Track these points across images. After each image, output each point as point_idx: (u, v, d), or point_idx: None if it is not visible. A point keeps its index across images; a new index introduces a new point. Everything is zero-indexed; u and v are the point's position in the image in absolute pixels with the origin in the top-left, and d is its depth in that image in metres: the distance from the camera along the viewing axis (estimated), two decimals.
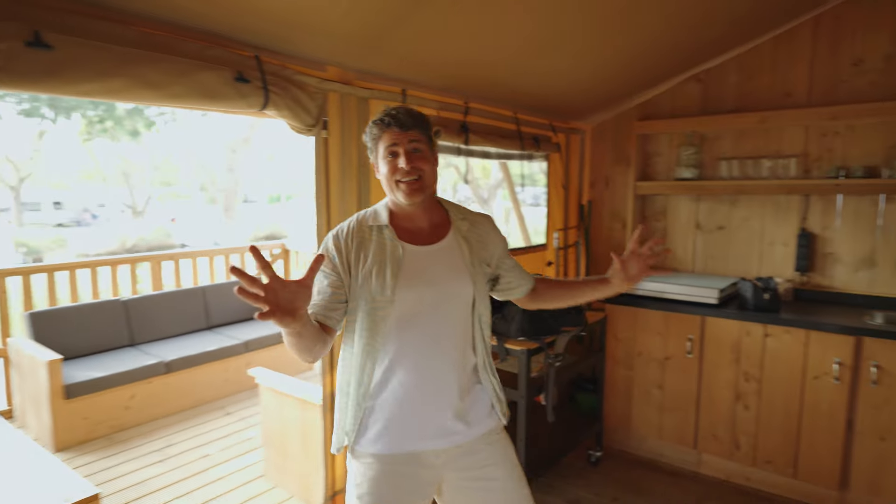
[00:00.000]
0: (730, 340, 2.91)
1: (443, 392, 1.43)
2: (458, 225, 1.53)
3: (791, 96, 3.13)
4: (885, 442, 2.53)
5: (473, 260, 1.50)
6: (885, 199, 2.91)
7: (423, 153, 1.43)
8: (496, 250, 1.60)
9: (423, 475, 1.44)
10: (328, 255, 1.44)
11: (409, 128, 1.41)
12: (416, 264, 1.44)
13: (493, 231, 1.62)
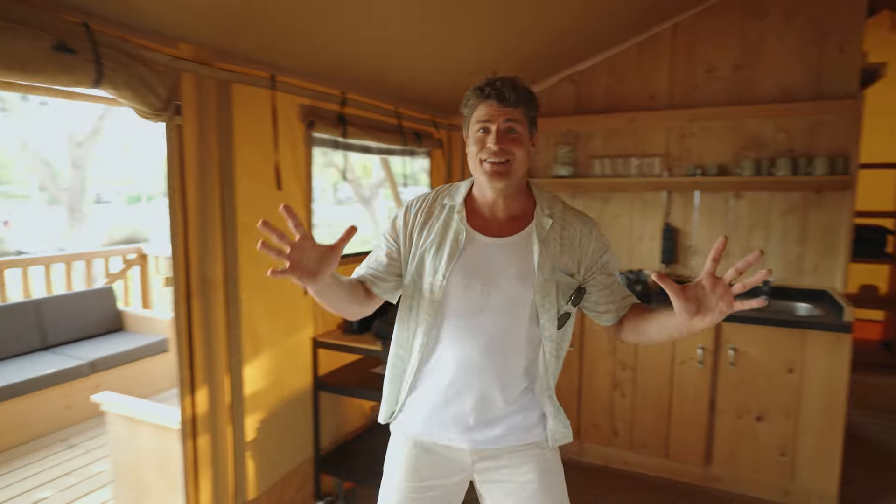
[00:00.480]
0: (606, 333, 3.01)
1: (482, 394, 1.33)
2: (539, 221, 1.33)
3: (654, 99, 3.32)
4: (742, 419, 2.76)
5: (545, 265, 1.30)
6: (735, 196, 3.19)
7: (517, 135, 1.27)
8: (586, 260, 1.34)
9: (450, 465, 1.40)
10: (395, 224, 1.38)
11: (510, 104, 1.25)
12: (477, 255, 1.31)
13: (589, 238, 1.35)
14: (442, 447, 1.39)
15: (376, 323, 2.55)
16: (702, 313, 1.13)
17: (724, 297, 1.11)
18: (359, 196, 13.01)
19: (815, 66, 2.96)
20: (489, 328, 1.31)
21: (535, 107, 1.31)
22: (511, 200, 1.34)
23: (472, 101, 1.31)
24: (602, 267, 1.36)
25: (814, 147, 3.00)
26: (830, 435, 2.60)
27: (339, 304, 1.30)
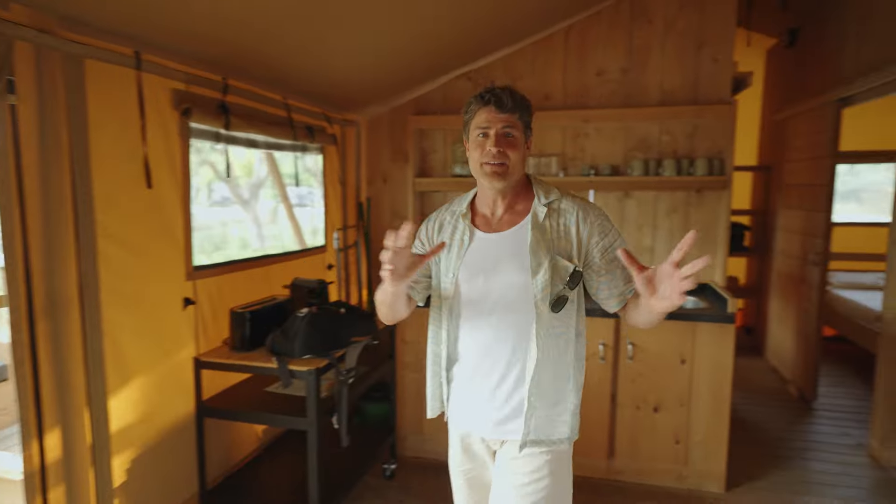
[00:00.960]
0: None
1: (499, 384, 1.43)
2: (535, 211, 1.43)
3: (549, 99, 3.36)
4: (640, 410, 2.85)
5: (538, 249, 1.39)
6: (625, 196, 3.32)
7: (514, 139, 1.39)
8: (584, 245, 1.41)
9: (477, 451, 1.53)
10: (419, 236, 1.57)
11: (507, 110, 1.37)
12: (481, 251, 1.44)
13: (585, 224, 1.41)
14: (475, 439, 1.52)
15: (270, 338, 2.28)
16: (656, 296, 1.18)
17: (676, 289, 1.13)
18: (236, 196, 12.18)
19: (693, 73, 3.15)
20: (496, 316, 1.42)
21: (529, 113, 1.44)
22: (511, 198, 1.47)
23: (472, 106, 1.43)
24: (602, 252, 1.41)
25: (694, 149, 3.19)
26: (718, 419, 2.76)
27: (400, 307, 1.48)
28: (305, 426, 2.15)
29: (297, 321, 2.23)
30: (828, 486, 2.89)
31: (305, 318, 2.23)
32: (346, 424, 2.27)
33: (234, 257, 2.58)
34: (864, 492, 2.83)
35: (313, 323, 2.23)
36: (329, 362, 2.21)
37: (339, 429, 2.26)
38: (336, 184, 3.37)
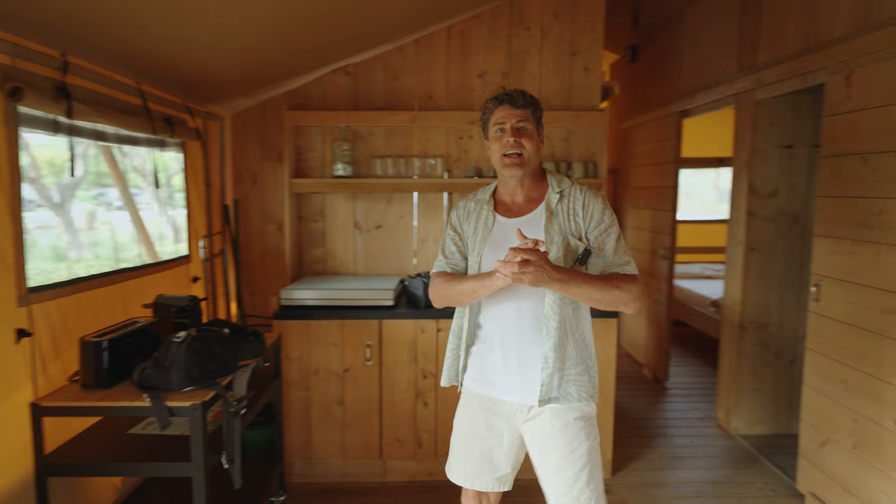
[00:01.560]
0: (407, 340, 2.86)
1: (522, 352, 1.61)
2: (549, 198, 1.64)
3: (433, 99, 3.30)
4: None
5: (552, 229, 1.59)
6: None
7: (528, 131, 1.59)
8: (587, 223, 1.61)
9: (500, 416, 1.67)
10: (451, 223, 1.77)
11: (520, 106, 1.59)
12: (502, 233, 1.63)
13: (588, 206, 1.62)
14: (494, 400, 1.67)
15: (138, 370, 1.90)
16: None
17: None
18: (44, 198, 10.37)
19: (567, 80, 3.31)
20: (518, 292, 1.59)
21: (539, 109, 1.66)
22: (528, 186, 1.68)
23: (489, 105, 1.66)
24: (599, 230, 1.61)
25: (569, 153, 3.35)
26: (605, 409, 2.92)
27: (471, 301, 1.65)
28: (190, 472, 1.82)
29: (174, 348, 1.88)
30: (690, 458, 3.21)
31: (184, 344, 1.89)
32: (239, 462, 1.97)
33: (79, 274, 2.12)
34: (719, 459, 3.19)
35: (194, 348, 1.90)
36: (216, 393, 1.90)
37: (230, 468, 1.95)
38: (200, 185, 2.96)
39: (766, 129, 3.29)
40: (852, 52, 2.40)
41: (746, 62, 3.32)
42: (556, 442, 1.60)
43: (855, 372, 2.41)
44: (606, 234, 1.61)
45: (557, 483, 1.62)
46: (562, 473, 1.61)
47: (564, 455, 1.60)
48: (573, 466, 1.59)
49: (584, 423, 1.62)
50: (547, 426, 1.61)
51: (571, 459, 1.60)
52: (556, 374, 1.57)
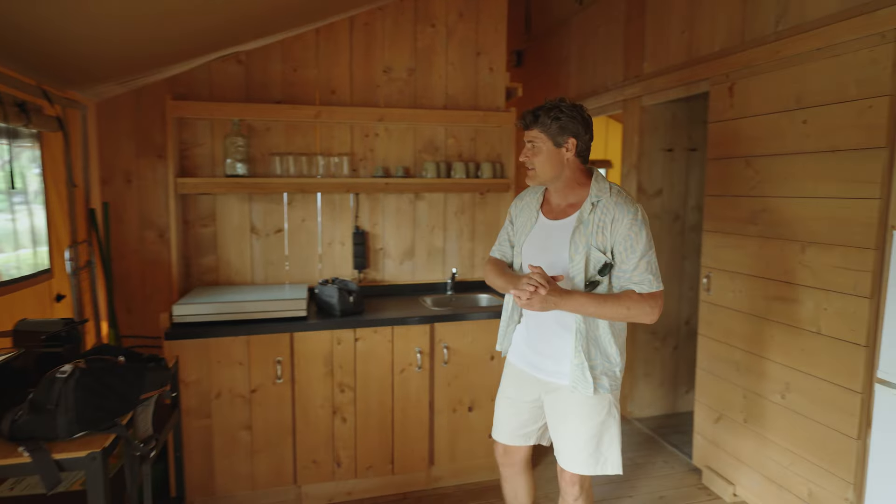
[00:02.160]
0: (322, 353, 2.65)
1: (541, 339, 1.88)
2: (584, 207, 1.77)
3: (336, 94, 3.10)
4: (456, 413, 2.86)
5: (578, 240, 1.73)
6: (416, 197, 3.28)
7: (536, 148, 1.78)
8: (614, 237, 1.72)
9: (532, 386, 1.94)
10: (509, 216, 2.05)
11: (528, 126, 1.80)
12: (540, 232, 1.88)
13: (620, 224, 1.71)
14: (525, 373, 1.95)
15: (8, 418, 1.51)
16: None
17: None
18: None
19: (473, 79, 3.29)
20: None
21: (551, 119, 1.75)
22: (565, 192, 1.85)
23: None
24: (622, 248, 1.72)
25: (476, 153, 3.34)
26: None
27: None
28: None
29: (59, 385, 1.52)
30: None
31: (73, 380, 1.53)
32: None
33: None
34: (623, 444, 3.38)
35: (86, 384, 1.55)
36: (117, 434, 1.58)
37: None
38: (62, 185, 2.48)
39: (651, 134, 3.55)
40: (734, 65, 2.65)
41: (633, 71, 3.57)
42: (574, 413, 1.83)
43: (744, 353, 2.68)
44: (631, 250, 1.72)
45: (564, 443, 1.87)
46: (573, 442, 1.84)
47: (576, 424, 1.83)
48: (583, 435, 1.83)
49: (593, 401, 1.81)
50: (560, 401, 1.86)
51: (583, 429, 1.82)
52: (584, 365, 1.76)
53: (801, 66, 2.33)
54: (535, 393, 1.93)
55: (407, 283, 3.28)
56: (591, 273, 1.72)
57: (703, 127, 3.66)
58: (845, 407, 2.18)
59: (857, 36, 2.09)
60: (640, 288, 1.72)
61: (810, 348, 2.33)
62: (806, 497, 2.37)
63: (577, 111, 1.78)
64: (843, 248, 2.17)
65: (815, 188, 2.29)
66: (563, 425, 1.86)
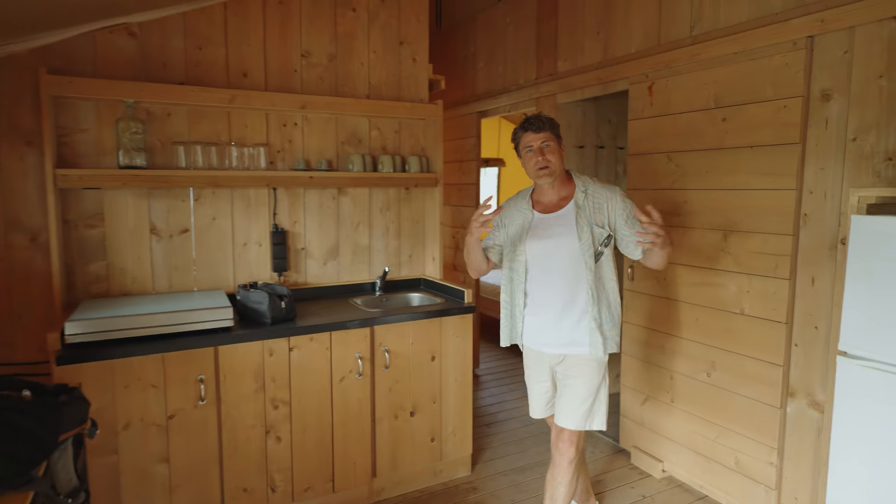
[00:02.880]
0: (252, 367, 2.35)
1: (549, 317, 2.16)
2: (577, 196, 2.14)
3: (249, 78, 2.78)
4: (398, 419, 2.70)
5: (582, 222, 2.10)
6: (339, 192, 3.06)
7: (551, 148, 2.11)
8: (611, 214, 2.11)
9: (544, 363, 2.24)
10: (499, 217, 2.27)
11: (542, 130, 2.10)
12: (540, 225, 2.17)
13: (610, 200, 2.12)
14: (539, 352, 2.23)
15: None
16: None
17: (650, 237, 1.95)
18: None
19: (396, 69, 3.15)
20: (554, 270, 2.12)
21: (557, 126, 2.14)
22: (557, 188, 2.17)
23: (518, 133, 2.15)
24: (624, 219, 2.10)
25: (401, 146, 3.20)
26: (463, 405, 2.87)
27: (477, 258, 2.22)
28: None
29: None
30: (527, 438, 3.40)
31: None
32: None
33: None
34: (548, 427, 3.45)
35: None
36: (36, 493, 1.23)
37: None
38: None
39: (565, 131, 3.67)
40: (654, 66, 2.81)
41: (547, 69, 3.66)
42: (581, 373, 2.13)
43: (669, 337, 2.85)
44: (632, 217, 2.09)
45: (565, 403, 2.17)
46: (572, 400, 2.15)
47: (579, 386, 2.14)
48: (590, 393, 2.14)
49: (596, 364, 2.14)
50: (570, 367, 2.16)
51: (589, 388, 2.14)
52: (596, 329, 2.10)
53: (719, 68, 2.52)
54: (548, 367, 2.23)
55: (332, 285, 3.05)
56: (597, 246, 2.09)
57: (610, 125, 3.86)
58: (768, 379, 2.40)
59: (772, 42, 2.30)
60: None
61: (734, 328, 2.54)
62: (733, 465, 2.58)
63: None
64: (764, 234, 2.39)
65: (735, 181, 2.49)
66: (568, 388, 2.16)
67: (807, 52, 2.21)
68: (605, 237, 2.10)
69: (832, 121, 2.17)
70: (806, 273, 2.27)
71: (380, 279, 3.08)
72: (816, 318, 2.25)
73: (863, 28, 2.06)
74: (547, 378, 2.25)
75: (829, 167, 2.18)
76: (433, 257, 3.26)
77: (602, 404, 2.18)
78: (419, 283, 3.29)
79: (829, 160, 2.18)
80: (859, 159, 2.09)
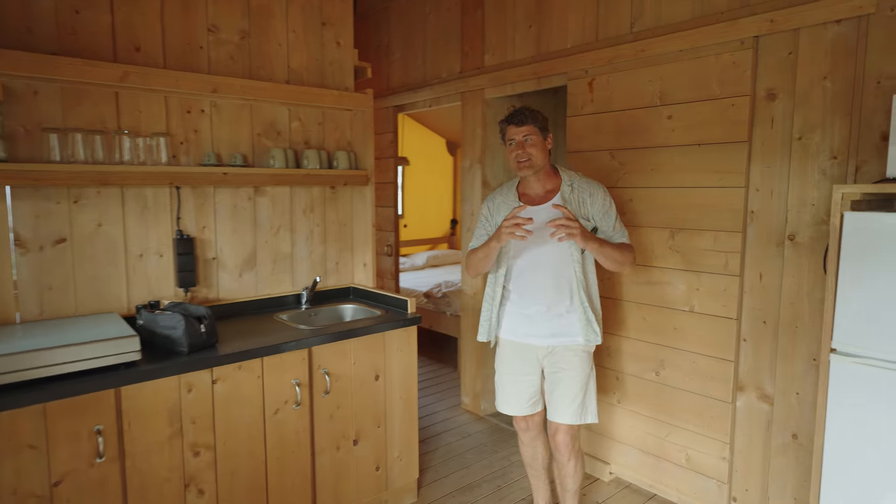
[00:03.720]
0: (165, 408, 1.90)
1: (539, 308, 2.17)
2: (563, 189, 2.17)
3: (142, 52, 2.28)
4: (341, 450, 2.37)
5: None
6: (256, 192, 2.64)
7: (532, 142, 2.10)
8: (593, 208, 2.15)
9: (530, 357, 2.23)
10: (483, 213, 2.30)
11: (523, 123, 2.11)
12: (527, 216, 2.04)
13: (594, 194, 2.16)
14: (525, 345, 2.23)
15: None
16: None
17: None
18: None
19: (319, 53, 2.80)
20: (538, 261, 2.17)
21: (542, 120, 2.15)
22: (542, 181, 2.20)
23: (502, 126, 2.20)
24: (604, 210, 2.16)
25: (325, 139, 2.85)
26: (409, 426, 2.61)
27: (491, 262, 2.18)
28: None
29: None
30: (468, 452, 3.21)
31: None
32: None
33: None
34: (491, 445, 3.29)
35: None
36: None
37: None
38: None
39: (493, 127, 3.53)
40: (596, 61, 2.75)
41: (473, 63, 3.49)
42: (570, 366, 2.16)
43: (615, 337, 2.81)
44: (608, 214, 2.17)
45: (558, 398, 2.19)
46: (566, 394, 2.17)
47: (573, 376, 2.16)
48: (581, 387, 2.17)
49: (585, 356, 2.19)
50: (560, 359, 2.17)
51: (579, 382, 2.17)
52: (587, 319, 2.14)
53: (664, 65, 2.51)
54: (535, 360, 2.22)
55: (250, 300, 2.63)
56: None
57: None
58: (720, 375, 2.43)
59: (719, 41, 2.32)
60: (624, 240, 2.21)
61: (683, 326, 2.54)
62: (684, 462, 2.59)
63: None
64: (713, 232, 2.40)
65: (683, 178, 2.49)
66: (559, 382, 2.17)
67: (753, 52, 2.24)
68: (592, 229, 2.15)
69: (777, 120, 2.22)
70: (754, 269, 2.32)
71: (306, 290, 2.71)
72: (765, 313, 2.30)
73: (807, 30, 2.12)
74: (534, 372, 2.24)
75: (776, 165, 2.23)
76: (364, 263, 2.95)
77: (593, 396, 2.23)
78: (348, 293, 2.96)
79: (775, 158, 2.23)
80: (805, 158, 2.15)
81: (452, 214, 6.92)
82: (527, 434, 2.37)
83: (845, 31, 2.03)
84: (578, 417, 2.18)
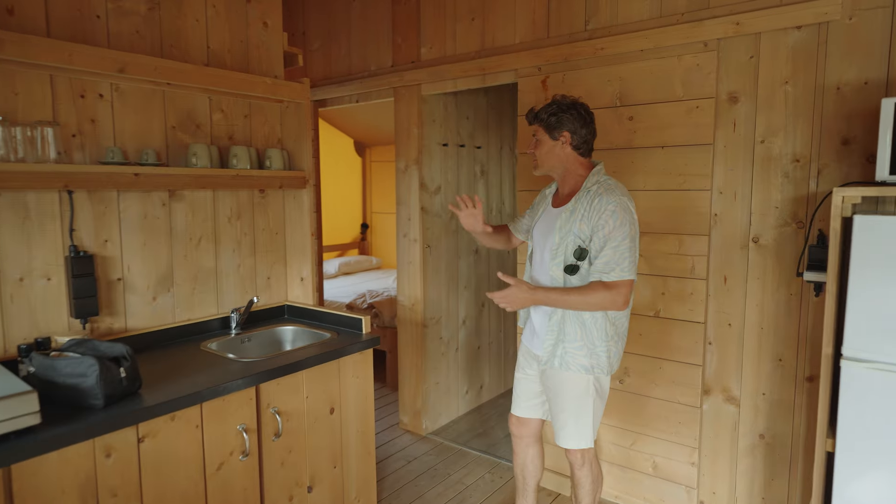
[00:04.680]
0: (75, 483, 1.44)
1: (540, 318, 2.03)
2: (577, 197, 1.92)
3: (17, 16, 1.77)
4: (294, 499, 2.00)
5: (564, 227, 1.90)
6: (171, 197, 2.18)
7: (538, 141, 1.98)
8: (590, 231, 1.85)
9: (532, 360, 2.12)
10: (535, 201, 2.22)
11: (531, 123, 2.00)
12: (546, 218, 2.04)
13: (599, 214, 1.82)
14: (528, 349, 2.15)
15: None
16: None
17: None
18: None
19: (243, 34, 2.39)
20: (541, 267, 2.01)
21: (552, 115, 1.93)
22: (564, 182, 2.02)
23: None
24: (597, 238, 1.84)
25: (253, 135, 2.45)
26: (367, 462, 2.30)
27: (489, 242, 2.27)
28: None
29: None
30: (420, 477, 2.95)
31: None
32: None
33: None
34: (437, 467, 3.05)
35: None
36: None
37: None
38: None
39: (430, 126, 3.30)
40: (551, 58, 2.62)
41: (407, 56, 3.23)
42: (554, 389, 2.01)
43: None
44: (603, 240, 1.82)
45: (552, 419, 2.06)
46: (558, 415, 2.02)
47: (557, 400, 2.01)
48: (564, 411, 1.99)
49: (573, 383, 1.95)
50: (549, 378, 2.02)
51: (563, 405, 1.99)
52: (557, 344, 1.95)
53: (624, 65, 2.44)
54: (536, 366, 2.10)
55: (168, 328, 2.16)
56: (569, 257, 1.88)
57: (468, 122, 3.61)
58: (687, 380, 2.40)
59: (682, 42, 2.28)
60: (604, 276, 1.81)
61: (648, 332, 2.49)
62: (650, 470, 2.54)
63: (575, 108, 1.91)
64: (679, 235, 2.37)
65: (646, 181, 2.43)
66: (551, 400, 2.05)
67: (717, 54, 2.23)
68: (578, 250, 1.87)
69: (740, 123, 2.22)
70: (719, 272, 2.31)
71: (236, 312, 2.30)
72: (730, 315, 2.30)
73: (768, 35, 2.14)
74: (535, 378, 2.13)
75: (739, 168, 2.23)
76: (301, 277, 2.57)
77: (586, 423, 1.99)
78: (282, 312, 2.57)
79: (738, 161, 2.24)
80: (768, 161, 2.18)
81: (363, 219, 6.56)
82: (519, 441, 2.24)
83: (806, 37, 2.07)
84: (564, 441, 2.01)
